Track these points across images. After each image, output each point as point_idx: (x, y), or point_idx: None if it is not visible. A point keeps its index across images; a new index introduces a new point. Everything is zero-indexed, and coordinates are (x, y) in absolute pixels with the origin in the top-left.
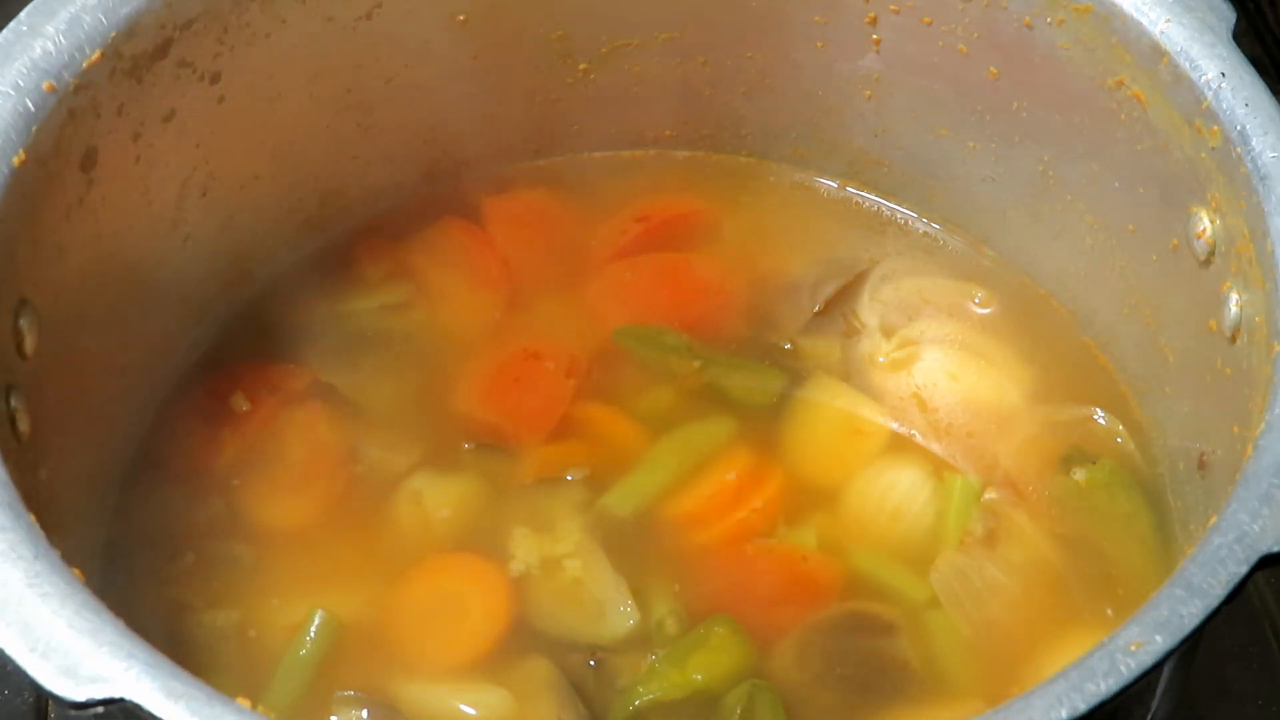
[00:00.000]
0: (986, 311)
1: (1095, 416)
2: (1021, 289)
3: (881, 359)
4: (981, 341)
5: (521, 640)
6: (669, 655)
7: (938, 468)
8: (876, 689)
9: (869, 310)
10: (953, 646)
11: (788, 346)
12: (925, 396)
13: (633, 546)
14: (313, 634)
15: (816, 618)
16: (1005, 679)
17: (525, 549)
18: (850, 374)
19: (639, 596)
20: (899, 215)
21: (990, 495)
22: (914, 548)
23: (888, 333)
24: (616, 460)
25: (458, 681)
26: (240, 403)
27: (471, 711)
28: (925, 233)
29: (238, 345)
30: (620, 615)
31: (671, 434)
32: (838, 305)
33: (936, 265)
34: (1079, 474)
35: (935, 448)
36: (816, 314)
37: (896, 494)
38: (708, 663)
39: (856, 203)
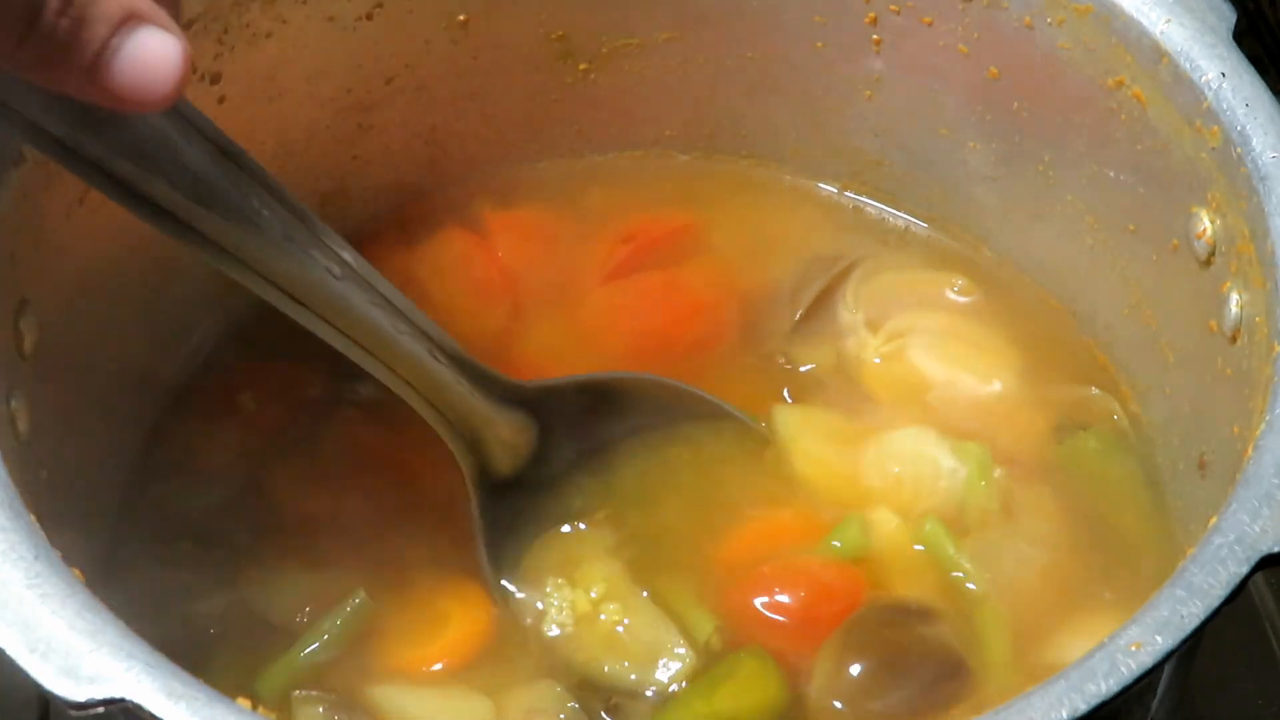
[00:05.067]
0: (968, 299)
1: (1091, 393)
2: (1021, 289)
3: (877, 360)
4: (977, 334)
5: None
6: (695, 688)
7: (948, 450)
8: (922, 680)
9: (856, 308)
10: (991, 625)
11: (782, 359)
12: (922, 388)
13: (661, 580)
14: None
15: (853, 618)
16: (1039, 652)
17: (559, 600)
18: (847, 373)
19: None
20: (899, 216)
21: (998, 473)
22: (936, 533)
23: (877, 329)
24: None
25: (440, 686)
26: (244, 403)
27: None
28: (925, 233)
29: (238, 346)
30: (676, 656)
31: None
32: (827, 306)
33: (933, 263)
34: (1082, 439)
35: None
36: (806, 317)
37: (909, 485)
38: (736, 693)
39: (856, 205)
